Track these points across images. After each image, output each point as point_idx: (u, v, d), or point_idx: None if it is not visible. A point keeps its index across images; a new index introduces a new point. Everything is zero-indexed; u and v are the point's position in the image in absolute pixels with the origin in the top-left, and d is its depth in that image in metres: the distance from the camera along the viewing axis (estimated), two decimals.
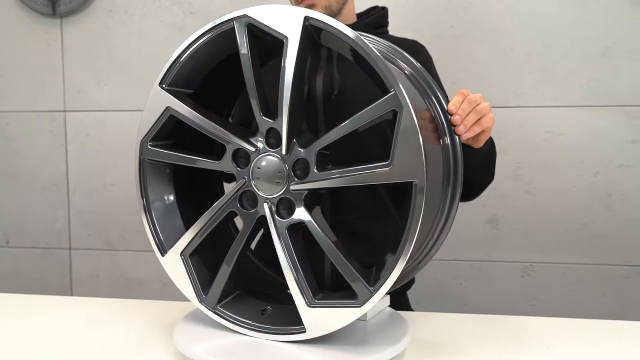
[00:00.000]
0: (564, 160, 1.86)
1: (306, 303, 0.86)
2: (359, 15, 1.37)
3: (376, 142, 1.19)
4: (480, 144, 1.04)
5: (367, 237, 1.25)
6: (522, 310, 1.91)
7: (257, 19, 0.87)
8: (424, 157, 0.78)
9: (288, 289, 0.98)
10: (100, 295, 2.12)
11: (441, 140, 0.92)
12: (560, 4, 1.81)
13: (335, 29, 0.82)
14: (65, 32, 2.07)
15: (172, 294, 2.08)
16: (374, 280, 0.84)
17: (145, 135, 1.00)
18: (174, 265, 0.99)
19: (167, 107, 0.97)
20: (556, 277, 1.90)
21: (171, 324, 1.10)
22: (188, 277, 0.98)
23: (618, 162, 1.84)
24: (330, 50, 1.24)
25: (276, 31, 0.86)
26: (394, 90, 0.78)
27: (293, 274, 0.87)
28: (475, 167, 1.07)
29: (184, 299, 2.01)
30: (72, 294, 2.17)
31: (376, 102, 0.80)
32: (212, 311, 0.97)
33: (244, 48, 0.90)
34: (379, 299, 0.83)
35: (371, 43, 0.95)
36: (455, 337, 1.04)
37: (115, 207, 2.11)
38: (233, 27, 0.92)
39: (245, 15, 0.88)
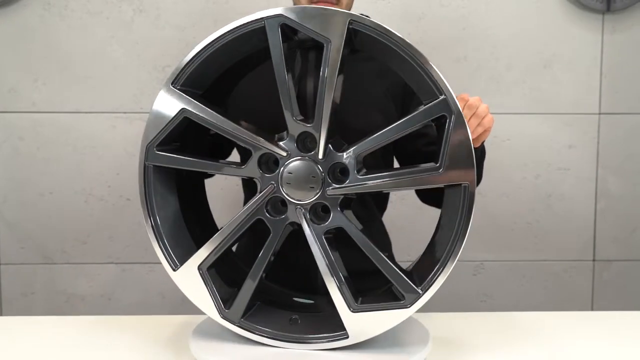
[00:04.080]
0: (509, 163, 1.99)
1: (349, 308, 0.86)
2: None
3: (381, 119, 1.20)
4: (478, 143, 1.07)
5: (351, 243, 1.25)
6: (474, 307, 2.01)
7: (295, 19, 0.85)
8: (474, 161, 0.80)
9: (295, 296, 0.97)
10: (37, 314, 1.94)
11: None
12: (506, 17, 1.93)
13: (384, 34, 0.83)
14: None
15: (118, 309, 1.97)
16: (418, 281, 0.85)
17: (153, 140, 0.94)
18: (189, 280, 0.93)
19: (182, 109, 0.92)
20: (504, 274, 2.02)
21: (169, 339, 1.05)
22: (208, 292, 0.93)
23: (557, 165, 1.99)
24: (321, 54, 1.23)
25: (317, 33, 0.84)
26: (445, 95, 0.80)
27: (335, 280, 0.86)
28: None
29: (130, 312, 1.91)
30: (1, 314, 1.96)
31: (424, 107, 0.81)
32: (236, 325, 0.93)
33: (277, 48, 0.87)
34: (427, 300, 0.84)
35: None
36: (467, 335, 1.08)
37: (53, 218, 1.94)
38: (262, 27, 0.89)
39: (280, 15, 0.86)
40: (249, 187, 1.33)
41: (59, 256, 1.95)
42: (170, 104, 0.92)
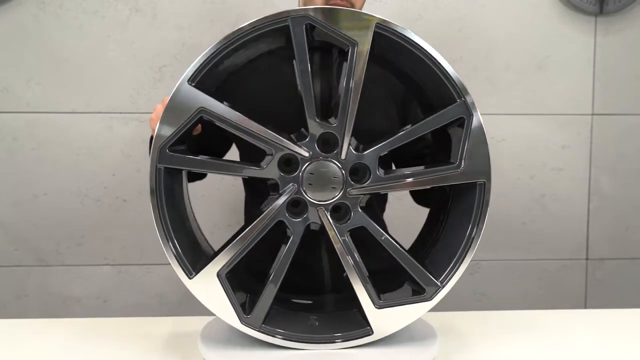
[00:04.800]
0: (505, 164, 2.01)
1: (374, 305, 0.87)
2: None
3: (382, 120, 1.23)
4: None
5: (361, 244, 1.26)
6: (470, 306, 2.03)
7: (321, 20, 0.85)
8: (490, 160, 0.82)
9: (293, 298, 0.97)
10: (31, 317, 1.91)
11: None
12: (501, 19, 1.96)
13: (405, 37, 0.84)
14: None
15: (114, 311, 1.95)
16: (436, 275, 0.88)
17: (166, 140, 0.89)
18: (206, 288, 0.91)
19: (200, 108, 0.88)
20: (500, 274, 2.05)
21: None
22: (228, 299, 0.91)
23: (551, 166, 2.02)
24: (331, 57, 1.23)
25: (344, 35, 0.85)
26: (464, 98, 0.81)
27: (360, 277, 0.87)
28: None
29: (127, 314, 1.88)
30: None
31: (444, 110, 0.83)
32: (257, 330, 0.92)
33: (302, 49, 0.86)
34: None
35: None
36: (463, 333, 1.10)
37: (48, 219, 1.91)
38: (286, 26, 0.87)
39: (306, 15, 0.86)
40: (250, 188, 1.32)
41: (54, 258, 1.93)
42: (187, 103, 0.88)
